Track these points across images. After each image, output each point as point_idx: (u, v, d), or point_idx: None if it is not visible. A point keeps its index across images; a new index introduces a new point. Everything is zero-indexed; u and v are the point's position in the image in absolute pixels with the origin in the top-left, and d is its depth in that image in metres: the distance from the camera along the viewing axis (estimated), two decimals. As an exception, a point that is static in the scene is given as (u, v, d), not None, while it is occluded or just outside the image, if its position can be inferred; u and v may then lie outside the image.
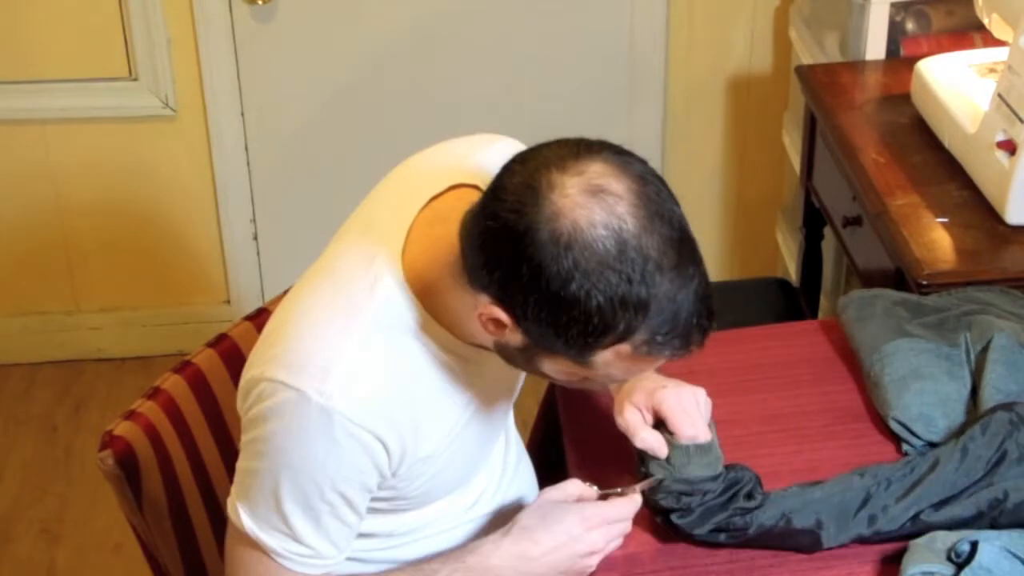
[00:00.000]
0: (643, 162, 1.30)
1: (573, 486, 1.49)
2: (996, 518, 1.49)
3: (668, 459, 1.53)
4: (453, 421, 1.46)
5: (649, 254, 1.25)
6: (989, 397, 1.64)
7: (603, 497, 1.50)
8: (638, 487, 1.51)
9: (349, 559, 1.50)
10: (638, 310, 1.26)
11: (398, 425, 1.38)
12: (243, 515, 1.41)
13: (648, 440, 1.54)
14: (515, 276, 1.26)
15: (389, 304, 1.38)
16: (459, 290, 1.36)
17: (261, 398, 1.37)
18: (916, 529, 1.50)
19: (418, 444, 1.42)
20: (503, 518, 1.56)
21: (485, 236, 1.29)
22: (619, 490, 1.50)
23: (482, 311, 1.32)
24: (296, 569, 1.43)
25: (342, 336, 1.36)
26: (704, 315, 1.30)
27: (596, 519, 1.46)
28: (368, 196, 1.52)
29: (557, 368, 1.37)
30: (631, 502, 1.48)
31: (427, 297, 1.39)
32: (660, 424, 1.56)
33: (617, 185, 1.26)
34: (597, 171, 1.26)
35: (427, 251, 1.39)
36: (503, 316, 1.30)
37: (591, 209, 1.24)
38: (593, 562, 1.47)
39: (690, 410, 1.56)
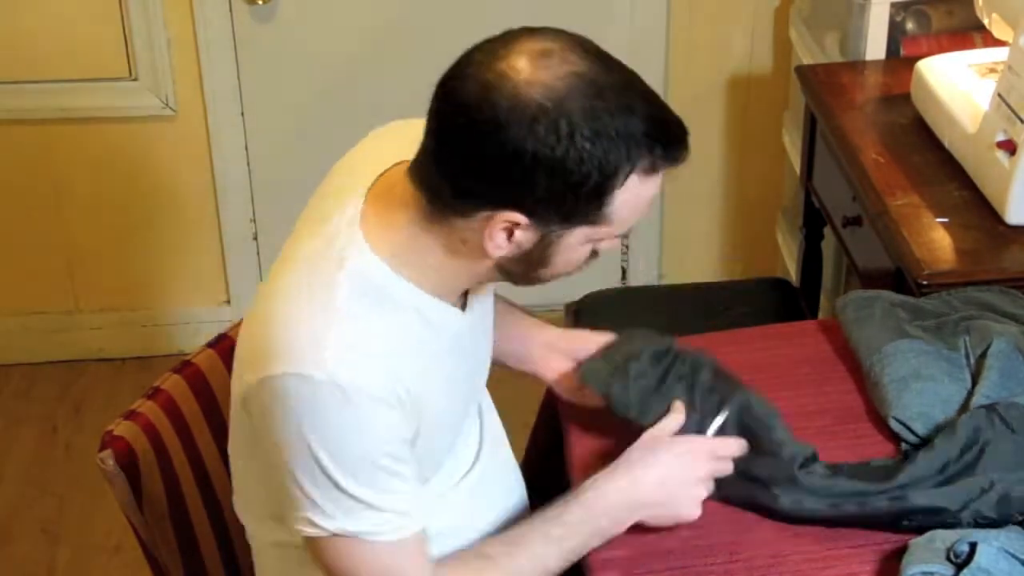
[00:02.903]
0: (550, 28, 1.38)
1: (673, 422, 1.56)
2: (979, 510, 1.49)
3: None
4: (439, 383, 1.47)
5: (619, 87, 1.33)
6: (978, 405, 1.64)
7: None
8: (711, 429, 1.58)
9: None
10: (634, 133, 1.32)
11: (405, 381, 1.39)
12: (318, 520, 1.39)
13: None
14: (516, 166, 1.30)
15: (360, 273, 1.39)
16: (430, 239, 1.39)
17: (271, 400, 1.36)
18: (900, 508, 1.50)
19: (428, 400, 1.43)
20: (491, 489, 1.62)
21: (465, 149, 1.32)
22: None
23: (490, 227, 1.34)
24: (393, 538, 1.41)
25: (324, 311, 1.37)
26: (678, 122, 1.38)
27: (703, 450, 1.53)
28: (309, 201, 1.53)
29: (574, 244, 1.39)
30: (737, 443, 1.55)
31: (395, 260, 1.40)
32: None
33: (555, 44, 1.33)
34: (531, 43, 1.33)
35: (384, 217, 1.41)
36: (515, 216, 1.33)
37: (551, 68, 1.31)
38: (699, 493, 1.51)
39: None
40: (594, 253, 1.43)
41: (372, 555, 1.42)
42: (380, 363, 1.37)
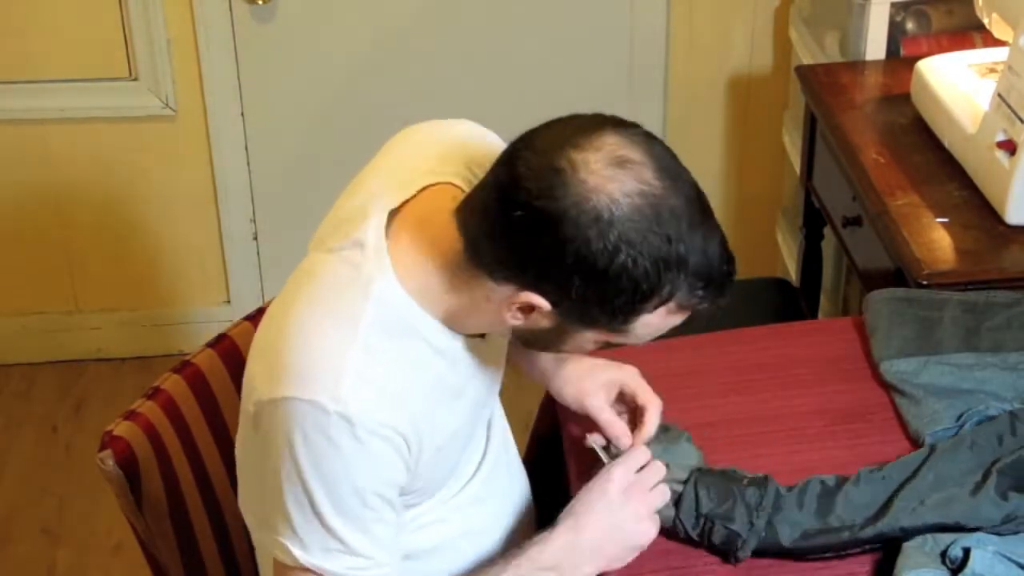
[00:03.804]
0: (638, 126, 1.34)
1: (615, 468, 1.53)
2: (1001, 470, 1.49)
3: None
4: (454, 410, 1.47)
5: (681, 213, 1.30)
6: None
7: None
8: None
9: None
10: (679, 268, 1.30)
11: (413, 418, 1.39)
12: (293, 550, 1.39)
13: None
14: (557, 260, 1.29)
15: (385, 305, 1.38)
16: (459, 285, 1.38)
17: (278, 421, 1.36)
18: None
19: (432, 436, 1.43)
20: (490, 499, 1.60)
21: (515, 227, 1.30)
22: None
23: (512, 301, 1.34)
24: None
25: (345, 342, 1.36)
26: (730, 264, 1.35)
27: (623, 480, 1.49)
28: (336, 203, 1.51)
29: (585, 340, 1.40)
30: (641, 451, 1.54)
31: (420, 295, 1.40)
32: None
33: (635, 154, 1.30)
34: (613, 143, 1.29)
35: (415, 252, 1.40)
36: (539, 302, 1.32)
37: (622, 181, 1.28)
38: (646, 528, 1.48)
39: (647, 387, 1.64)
40: (607, 344, 1.44)
41: None
42: (393, 401, 1.37)
